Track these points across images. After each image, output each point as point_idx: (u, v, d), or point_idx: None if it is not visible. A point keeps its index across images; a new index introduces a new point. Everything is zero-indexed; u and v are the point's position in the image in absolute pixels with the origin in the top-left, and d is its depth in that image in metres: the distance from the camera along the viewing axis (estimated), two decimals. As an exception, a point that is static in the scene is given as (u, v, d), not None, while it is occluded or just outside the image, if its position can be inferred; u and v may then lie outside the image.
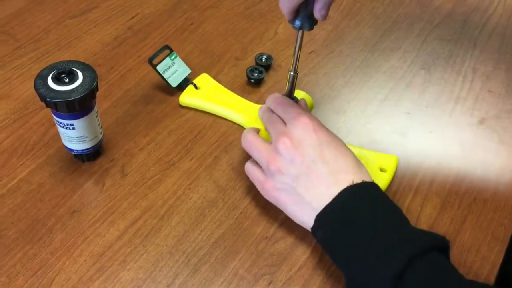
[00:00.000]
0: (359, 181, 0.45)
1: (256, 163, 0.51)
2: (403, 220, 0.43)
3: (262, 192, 0.50)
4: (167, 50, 0.62)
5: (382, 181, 0.54)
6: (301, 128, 0.48)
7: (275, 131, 0.49)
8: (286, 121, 0.50)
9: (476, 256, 0.50)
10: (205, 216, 0.52)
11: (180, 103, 0.62)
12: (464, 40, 0.74)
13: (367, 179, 0.45)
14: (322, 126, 0.49)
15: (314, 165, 0.46)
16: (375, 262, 0.40)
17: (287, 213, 0.49)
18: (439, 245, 0.41)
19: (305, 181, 0.46)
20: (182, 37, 0.71)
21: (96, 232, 0.50)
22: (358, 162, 0.47)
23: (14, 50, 0.67)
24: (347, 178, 0.45)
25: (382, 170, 0.55)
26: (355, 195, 0.44)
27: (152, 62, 0.60)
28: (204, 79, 0.64)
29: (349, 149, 0.48)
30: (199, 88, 0.63)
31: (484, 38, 0.75)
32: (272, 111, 0.53)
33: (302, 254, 0.49)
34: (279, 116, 0.51)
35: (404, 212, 0.52)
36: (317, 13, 0.45)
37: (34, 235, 0.49)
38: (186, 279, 0.47)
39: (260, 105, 0.60)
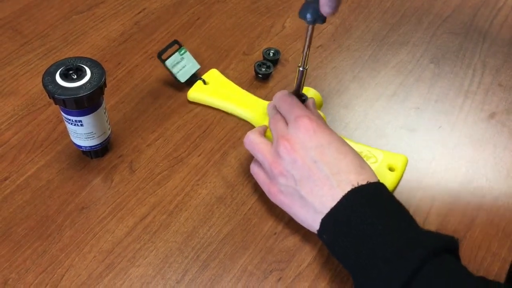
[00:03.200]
0: (363, 182, 0.44)
1: (261, 165, 0.50)
2: (411, 222, 0.43)
3: (268, 196, 0.50)
4: (176, 45, 0.62)
5: (391, 180, 0.54)
6: (302, 130, 0.47)
7: (276, 133, 0.49)
8: (288, 121, 0.49)
9: (486, 253, 0.50)
10: (213, 212, 0.52)
11: (189, 98, 0.62)
12: (473, 34, 0.73)
13: (372, 179, 0.44)
14: (323, 127, 0.47)
15: (316, 167, 0.45)
16: (384, 267, 0.39)
17: (292, 216, 0.49)
18: (448, 246, 0.40)
19: (308, 183, 0.45)
20: (188, 32, 0.71)
21: (105, 228, 0.50)
22: (361, 161, 0.46)
23: (21, 46, 0.67)
24: (349, 178, 0.44)
25: (391, 169, 0.55)
26: (360, 198, 0.43)
27: (161, 57, 0.60)
28: (213, 75, 0.64)
29: (352, 149, 0.47)
30: (207, 84, 0.63)
31: (494, 31, 0.74)
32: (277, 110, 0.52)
33: (311, 250, 0.49)
34: (283, 115, 0.51)
35: (413, 208, 0.53)
36: (324, 5, 0.41)
37: (44, 231, 0.49)
38: (195, 275, 0.47)
39: (269, 101, 0.60)
